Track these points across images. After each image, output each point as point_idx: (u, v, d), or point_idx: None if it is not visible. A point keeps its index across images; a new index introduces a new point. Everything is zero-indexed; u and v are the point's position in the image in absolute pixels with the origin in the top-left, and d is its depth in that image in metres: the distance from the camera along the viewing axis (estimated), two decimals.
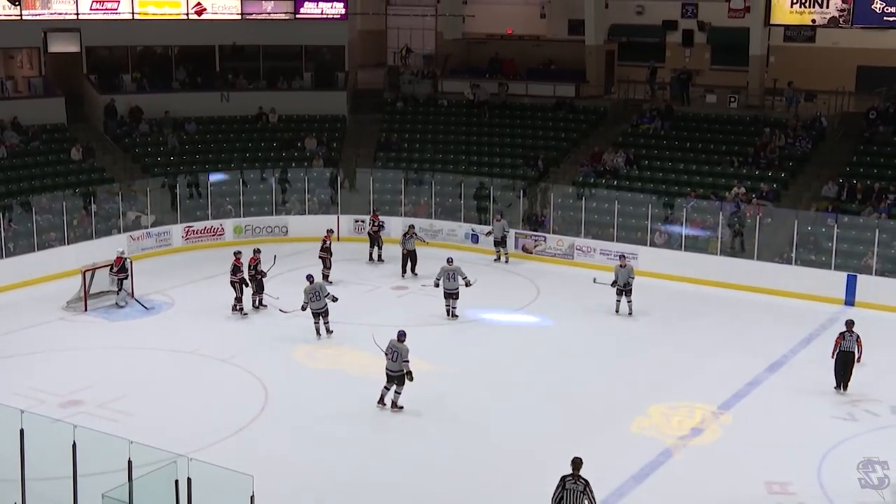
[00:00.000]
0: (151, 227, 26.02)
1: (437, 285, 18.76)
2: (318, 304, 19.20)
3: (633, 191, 26.65)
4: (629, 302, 21.02)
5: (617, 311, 20.97)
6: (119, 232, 25.21)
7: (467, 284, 19.25)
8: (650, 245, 24.66)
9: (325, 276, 22.63)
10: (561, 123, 30.92)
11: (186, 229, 26.67)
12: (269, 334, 19.70)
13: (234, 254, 21.01)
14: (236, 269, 20.60)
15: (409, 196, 28.41)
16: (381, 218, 25.76)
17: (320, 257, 23.06)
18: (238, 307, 20.46)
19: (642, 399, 16.45)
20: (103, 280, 21.56)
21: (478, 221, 26.91)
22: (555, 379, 16.93)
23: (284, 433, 15.09)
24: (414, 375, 15.71)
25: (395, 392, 15.78)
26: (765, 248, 23.50)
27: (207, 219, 27.15)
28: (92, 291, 21.41)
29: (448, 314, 18.72)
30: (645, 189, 26.70)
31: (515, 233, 26.16)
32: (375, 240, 25.42)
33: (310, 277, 19.51)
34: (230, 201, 27.85)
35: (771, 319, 21.09)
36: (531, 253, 26.02)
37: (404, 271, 23.69)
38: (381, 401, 15.87)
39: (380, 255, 25.14)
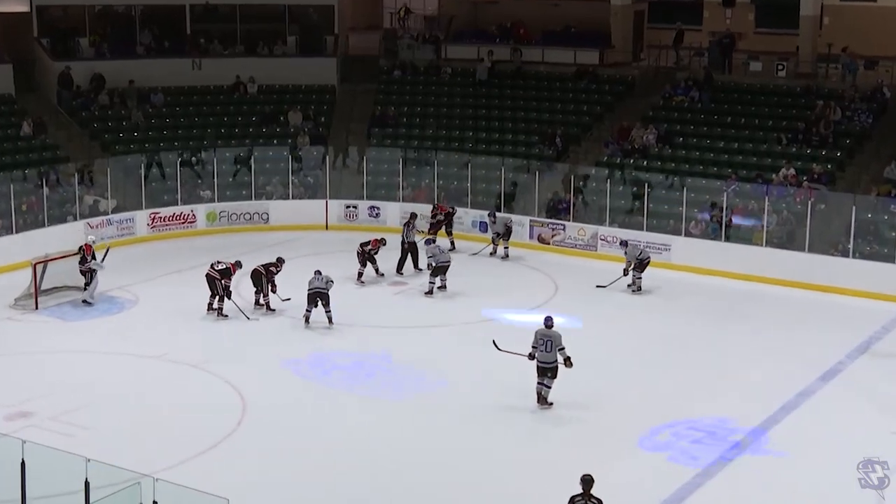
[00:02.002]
0: (112, 213, 26.04)
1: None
2: (317, 284, 19.69)
3: (665, 172, 26.66)
4: (639, 279, 21.94)
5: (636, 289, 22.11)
6: (75, 219, 25.29)
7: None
8: (685, 235, 24.66)
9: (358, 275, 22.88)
10: (582, 95, 30.86)
11: (152, 216, 26.69)
12: (247, 337, 19.70)
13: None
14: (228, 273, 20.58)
15: (407, 179, 28.39)
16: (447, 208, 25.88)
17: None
18: (218, 306, 20.45)
19: (675, 411, 16.40)
20: (57, 274, 21.55)
21: (490, 206, 26.83)
22: (576, 388, 16.83)
23: (264, 450, 15.07)
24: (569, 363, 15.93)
25: (546, 386, 16.08)
26: (817, 238, 23.48)
27: (176, 204, 27.17)
28: (44, 287, 21.38)
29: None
30: (679, 171, 26.72)
31: (530, 220, 26.17)
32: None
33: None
34: (203, 184, 27.83)
35: (824, 321, 21.06)
36: (548, 243, 26.00)
37: (402, 266, 23.63)
38: (541, 399, 16.14)
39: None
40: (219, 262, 20.59)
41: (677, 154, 27.67)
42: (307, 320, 19.86)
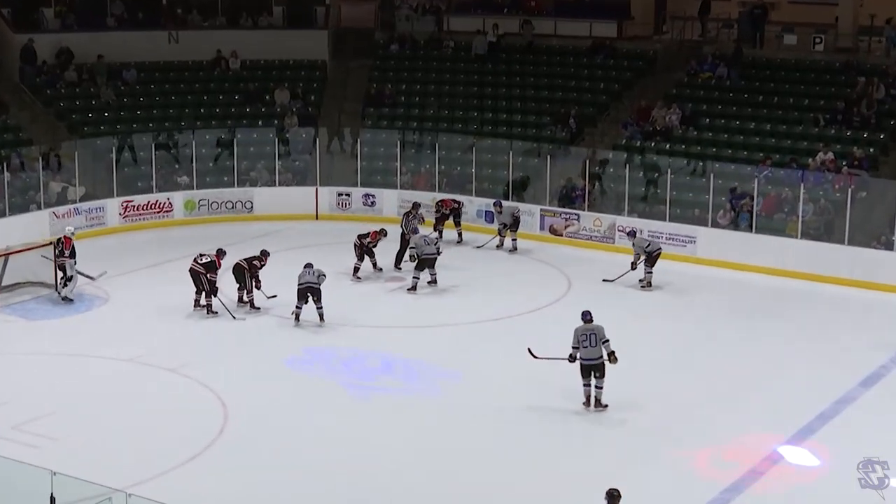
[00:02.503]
0: (80, 201, 26.09)
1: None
2: (308, 279, 19.77)
3: (690, 157, 26.80)
4: (649, 273, 22.17)
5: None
6: (39, 208, 25.37)
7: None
8: (711, 226, 24.69)
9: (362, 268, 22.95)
10: (599, 72, 30.89)
11: (124, 204, 26.73)
12: (230, 337, 19.71)
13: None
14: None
15: (406, 164, 28.42)
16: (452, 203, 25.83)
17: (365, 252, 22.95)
18: (206, 303, 20.49)
19: (702, 422, 16.39)
20: (19, 268, 21.53)
21: (496, 195, 26.89)
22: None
23: (246, 463, 15.01)
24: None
25: (597, 387, 16.14)
26: (858, 229, 23.49)
27: (151, 191, 27.21)
28: (6, 282, 21.39)
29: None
30: (705, 154, 26.79)
31: (541, 210, 26.18)
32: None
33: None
34: (180, 169, 27.81)
35: (865, 320, 21.05)
36: (561, 235, 26.04)
37: (400, 260, 23.62)
38: (589, 402, 16.22)
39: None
40: (202, 255, 20.61)
41: (703, 136, 27.68)
42: (297, 318, 19.90)
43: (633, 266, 22.41)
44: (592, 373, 16.18)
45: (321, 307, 19.82)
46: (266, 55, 31.71)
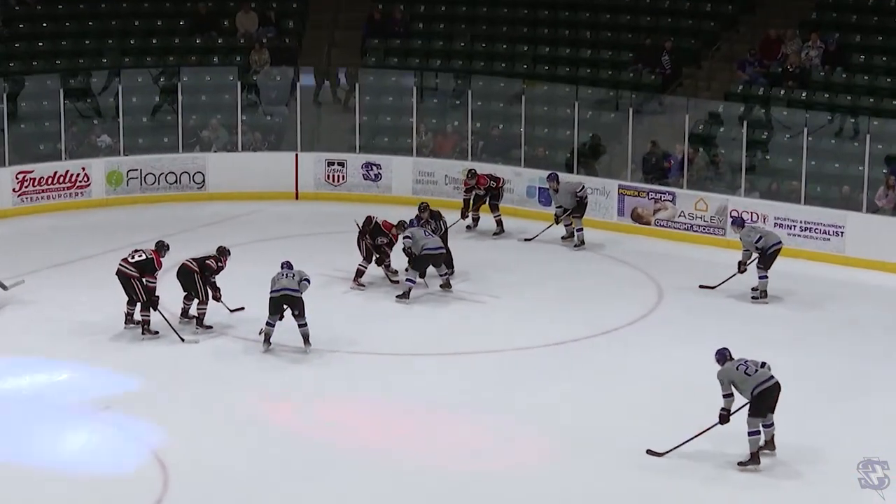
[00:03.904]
0: None
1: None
2: (285, 284, 19.80)
3: (836, 110, 26.61)
4: (764, 278, 22.13)
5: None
6: None
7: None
8: (867, 210, 24.76)
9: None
10: None
11: (20, 177, 26.89)
12: (175, 366, 19.67)
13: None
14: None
15: (425, 119, 28.33)
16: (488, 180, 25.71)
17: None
18: (142, 318, 20.53)
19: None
20: None
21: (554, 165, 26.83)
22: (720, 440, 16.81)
23: None
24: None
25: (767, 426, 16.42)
26: None
27: (59, 158, 27.35)
28: None
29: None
30: (859, 107, 26.69)
31: (619, 187, 26.14)
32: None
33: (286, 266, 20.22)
34: (100, 126, 27.84)
35: None
36: (648, 223, 26.10)
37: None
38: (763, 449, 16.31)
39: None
40: (136, 252, 20.48)
41: (856, 81, 27.62)
42: (267, 339, 19.82)
43: (742, 268, 22.25)
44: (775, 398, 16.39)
45: (304, 325, 19.80)
46: None
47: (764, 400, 16.26)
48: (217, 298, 20.73)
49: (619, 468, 16.44)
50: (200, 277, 20.69)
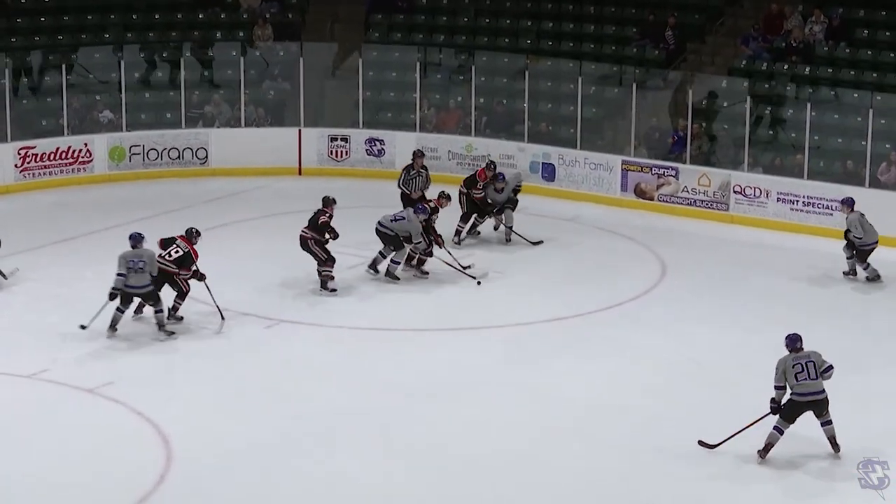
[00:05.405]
0: None
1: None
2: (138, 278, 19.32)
3: (840, 85, 26.56)
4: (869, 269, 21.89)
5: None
6: None
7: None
8: (870, 186, 24.68)
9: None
10: None
11: (23, 153, 26.77)
12: (172, 344, 19.66)
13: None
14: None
15: (428, 94, 28.21)
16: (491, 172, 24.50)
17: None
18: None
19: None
20: None
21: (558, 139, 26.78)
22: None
23: None
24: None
25: (826, 424, 16.01)
26: None
27: (62, 133, 27.29)
28: None
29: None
30: (862, 82, 26.64)
31: (623, 162, 26.19)
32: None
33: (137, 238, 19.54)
34: (102, 102, 27.73)
35: None
36: (652, 199, 26.07)
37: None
38: (766, 451, 15.93)
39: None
40: (171, 248, 20.01)
41: (860, 56, 27.54)
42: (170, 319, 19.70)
43: (849, 237, 22.01)
44: (821, 409, 15.93)
45: (160, 311, 19.52)
46: None
47: (792, 408, 15.97)
48: (335, 236, 21.04)
49: (624, 445, 16.36)
50: (315, 243, 20.86)
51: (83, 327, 19.49)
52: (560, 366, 18.95)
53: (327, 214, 21.03)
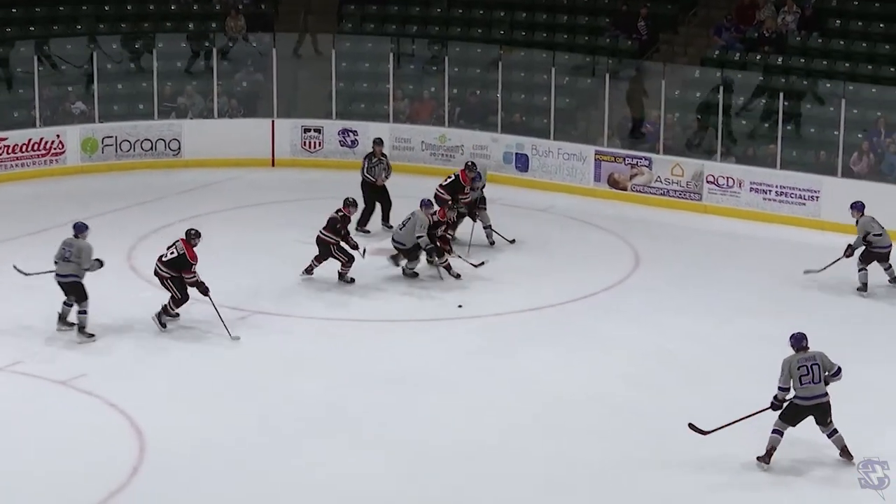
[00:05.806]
0: None
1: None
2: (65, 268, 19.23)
3: (813, 75, 26.69)
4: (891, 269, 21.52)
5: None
6: None
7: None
8: (842, 175, 24.76)
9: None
10: None
11: None
12: (146, 337, 19.63)
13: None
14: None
15: (402, 85, 28.19)
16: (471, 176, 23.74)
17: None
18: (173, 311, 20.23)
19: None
20: None
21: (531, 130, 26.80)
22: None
23: None
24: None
25: (831, 434, 15.80)
26: None
27: (33, 125, 27.25)
28: None
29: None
30: (834, 73, 26.71)
31: (596, 152, 26.24)
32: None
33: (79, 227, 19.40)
34: (74, 93, 27.66)
35: None
36: (625, 189, 26.13)
37: (367, 221, 23.67)
38: (769, 455, 15.76)
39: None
40: (168, 249, 19.86)
41: (832, 46, 27.62)
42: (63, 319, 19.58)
43: (849, 252, 21.60)
44: (824, 414, 15.75)
45: (83, 314, 19.36)
46: None
47: (794, 411, 15.81)
48: (354, 246, 21.07)
49: (598, 434, 16.40)
50: (335, 247, 20.97)
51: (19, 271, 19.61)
52: (535, 356, 18.98)
53: (340, 213, 21.10)
